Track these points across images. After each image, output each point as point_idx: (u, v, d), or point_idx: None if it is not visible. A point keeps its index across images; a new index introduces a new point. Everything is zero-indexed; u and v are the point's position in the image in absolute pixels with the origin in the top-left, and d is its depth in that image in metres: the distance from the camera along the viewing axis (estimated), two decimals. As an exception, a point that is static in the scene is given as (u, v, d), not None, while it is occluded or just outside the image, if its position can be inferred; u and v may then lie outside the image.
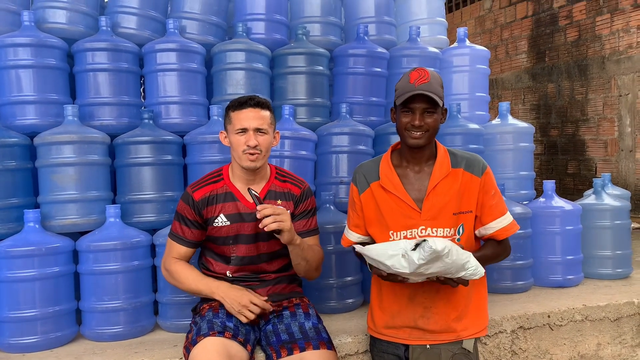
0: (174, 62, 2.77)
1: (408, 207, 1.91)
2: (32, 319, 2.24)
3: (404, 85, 1.88)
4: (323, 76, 3.07)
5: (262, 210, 1.92)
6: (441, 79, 1.94)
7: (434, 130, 1.90)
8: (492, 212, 1.95)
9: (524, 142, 3.22)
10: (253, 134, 2.03)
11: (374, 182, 1.98)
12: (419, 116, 1.86)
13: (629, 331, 2.73)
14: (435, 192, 1.91)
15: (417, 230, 1.90)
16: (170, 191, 2.64)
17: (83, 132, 2.50)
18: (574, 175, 7.21)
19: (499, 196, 1.99)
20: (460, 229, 1.92)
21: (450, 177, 1.92)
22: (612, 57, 6.65)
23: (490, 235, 1.97)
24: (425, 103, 1.86)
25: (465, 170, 1.93)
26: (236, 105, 2.07)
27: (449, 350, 1.92)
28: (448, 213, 1.90)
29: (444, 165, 1.93)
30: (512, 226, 1.98)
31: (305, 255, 2.07)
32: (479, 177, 1.93)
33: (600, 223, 3.16)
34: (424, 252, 1.66)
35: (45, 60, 2.60)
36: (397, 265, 1.71)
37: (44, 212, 2.44)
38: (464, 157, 1.97)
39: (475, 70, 3.37)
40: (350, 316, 2.59)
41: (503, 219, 1.96)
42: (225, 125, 2.12)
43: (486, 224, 1.96)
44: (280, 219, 1.92)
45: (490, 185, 1.96)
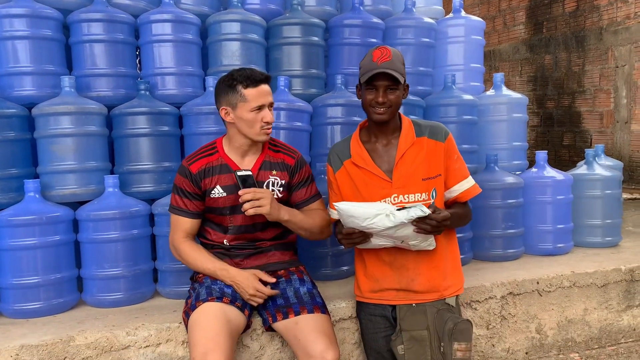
0: (169, 33, 2.77)
1: (379, 179, 2.03)
2: (35, 286, 2.30)
3: (368, 64, 1.98)
4: (318, 47, 3.08)
5: (243, 196, 1.98)
6: (402, 57, 2.05)
7: (397, 105, 2.02)
8: (455, 175, 2.09)
9: (517, 112, 3.25)
10: (269, 109, 2.08)
11: (346, 160, 2.10)
12: (382, 93, 1.98)
13: (615, 297, 2.81)
14: (402, 161, 2.03)
15: (390, 199, 2.02)
16: (168, 162, 2.68)
17: (80, 103, 2.52)
18: (570, 147, 7.26)
19: (461, 160, 2.12)
20: (434, 192, 2.04)
21: (416, 146, 2.05)
22: (609, 28, 6.62)
23: (455, 197, 2.09)
24: (388, 80, 1.97)
25: (429, 137, 2.05)
26: (250, 81, 2.05)
27: (433, 306, 2.04)
28: (417, 179, 2.02)
29: (408, 136, 2.05)
30: (474, 189, 2.12)
31: (302, 225, 2.14)
32: (443, 142, 2.05)
33: (590, 193, 3.22)
34: (413, 213, 1.80)
35: (41, 31, 2.60)
36: (378, 222, 1.83)
37: (44, 182, 2.48)
38: (427, 125, 2.10)
39: (471, 41, 3.37)
40: (344, 283, 2.66)
41: (466, 182, 2.10)
42: (233, 102, 2.06)
43: (450, 187, 2.09)
44: (259, 203, 1.98)
45: (452, 150, 2.08)
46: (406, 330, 2.02)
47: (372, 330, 2.13)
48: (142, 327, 2.14)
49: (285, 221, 2.09)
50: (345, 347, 2.35)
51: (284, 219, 2.08)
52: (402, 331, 2.03)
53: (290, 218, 2.10)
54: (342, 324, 2.35)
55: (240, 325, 2.02)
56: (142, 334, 2.12)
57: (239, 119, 2.08)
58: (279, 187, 2.17)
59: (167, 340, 2.14)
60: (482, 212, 2.96)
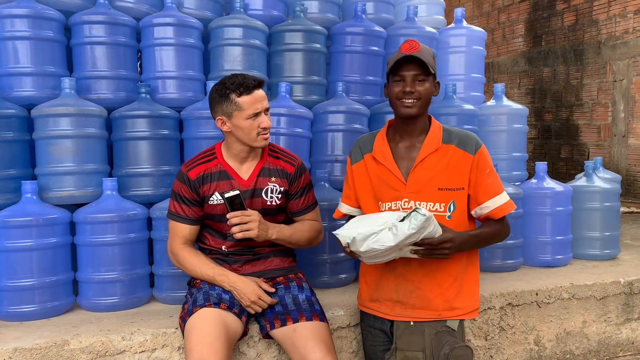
0: (171, 37, 2.77)
1: (395, 179, 1.93)
2: (30, 288, 2.27)
3: (395, 56, 1.89)
4: (320, 54, 3.08)
5: (231, 219, 1.97)
6: (432, 51, 1.94)
7: (426, 99, 1.89)
8: (487, 191, 1.92)
9: (517, 123, 3.25)
10: (265, 114, 2.05)
11: (367, 154, 2.01)
12: (410, 83, 1.86)
13: (614, 310, 2.80)
14: (422, 165, 1.91)
15: (401, 202, 1.91)
16: (167, 165, 2.66)
17: (80, 105, 2.51)
18: (567, 159, 7.27)
19: (495, 175, 1.96)
20: (452, 206, 1.91)
21: (440, 152, 1.92)
22: (608, 42, 6.66)
23: (487, 214, 1.93)
24: (416, 69, 1.85)
25: (458, 147, 1.92)
26: (242, 89, 2.00)
27: (432, 327, 1.92)
28: (433, 188, 1.89)
29: (434, 140, 1.93)
30: (508, 205, 1.95)
31: (289, 241, 2.14)
32: (472, 154, 1.91)
33: (590, 205, 3.22)
34: (415, 220, 1.68)
35: (42, 32, 2.59)
36: (383, 239, 1.72)
37: (42, 183, 2.46)
38: (458, 134, 1.96)
39: (472, 51, 3.38)
40: (343, 291, 2.64)
41: (498, 198, 1.93)
42: (228, 111, 2.03)
43: (482, 203, 1.93)
44: (247, 227, 1.98)
45: (484, 163, 1.93)
46: (401, 349, 1.93)
47: (372, 342, 2.07)
48: (137, 332, 2.12)
49: (275, 239, 2.09)
50: (343, 356, 2.33)
51: (272, 239, 2.08)
52: (397, 350, 1.93)
53: (279, 237, 2.10)
54: (340, 332, 2.33)
55: (237, 331, 1.99)
56: (138, 339, 2.09)
57: (235, 127, 2.04)
58: (277, 193, 2.16)
59: (162, 346, 2.11)
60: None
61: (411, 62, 1.85)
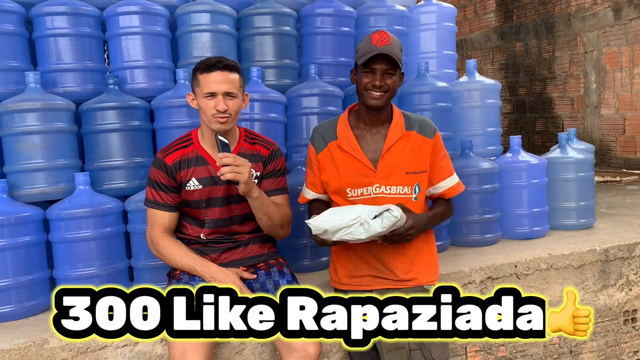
0: (137, 26, 2.71)
1: (364, 167, 2.02)
2: (5, 289, 2.23)
3: (366, 46, 1.95)
4: (290, 37, 3.05)
5: (222, 159, 1.91)
6: (400, 43, 2.01)
7: (393, 91, 2.00)
8: (441, 172, 2.10)
9: (490, 98, 3.27)
10: (222, 98, 2.00)
11: (331, 142, 2.07)
12: (380, 77, 1.95)
13: (591, 277, 2.85)
14: (389, 152, 2.02)
15: (372, 188, 2.02)
16: (140, 157, 2.62)
17: (47, 100, 2.44)
18: (542, 132, 7.36)
19: (447, 158, 2.15)
20: (417, 188, 2.04)
21: (404, 139, 2.04)
22: (577, 14, 6.72)
23: (440, 194, 2.13)
24: (386, 64, 1.95)
25: (418, 132, 2.06)
26: (204, 67, 2.02)
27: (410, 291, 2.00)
28: (401, 172, 2.02)
29: (398, 128, 2.04)
30: (459, 186, 2.15)
31: (266, 210, 2.06)
32: (431, 139, 2.07)
33: (564, 176, 3.26)
34: (387, 220, 1.82)
35: (2, 25, 2.51)
36: (355, 232, 1.85)
37: (11, 181, 2.40)
38: (417, 120, 2.10)
39: (443, 28, 3.37)
40: (324, 274, 2.63)
41: (451, 179, 2.13)
42: (193, 88, 2.08)
43: (436, 183, 2.11)
44: (238, 170, 1.91)
45: (439, 147, 2.10)
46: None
47: None
48: (118, 326, 2.09)
49: (254, 198, 2.01)
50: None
51: (254, 195, 2.01)
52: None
53: (259, 196, 2.03)
54: (323, 314, 2.33)
55: (219, 320, 1.98)
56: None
57: (198, 106, 2.07)
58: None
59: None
60: (459, 198, 2.91)
61: (382, 57, 1.92)
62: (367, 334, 1.72)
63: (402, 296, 1.75)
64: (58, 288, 1.68)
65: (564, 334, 1.83)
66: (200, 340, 1.81)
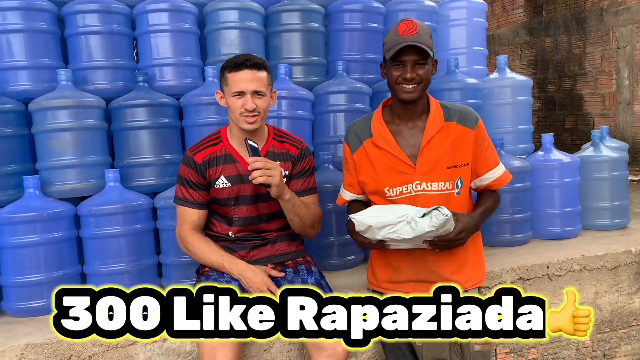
0: (166, 23, 2.72)
1: (402, 163, 1.91)
2: (38, 284, 2.27)
3: (393, 38, 1.85)
4: (318, 33, 3.03)
5: (253, 163, 1.90)
6: (429, 30, 1.91)
7: (427, 82, 1.88)
8: (486, 163, 1.97)
9: (522, 95, 3.20)
10: (251, 97, 1.99)
11: (366, 140, 1.98)
12: (410, 68, 1.84)
13: (626, 279, 2.77)
14: (428, 147, 1.91)
15: (412, 185, 1.91)
16: (169, 154, 2.63)
17: (78, 97, 2.47)
18: (572, 130, 7.21)
19: (492, 147, 2.01)
20: (459, 182, 1.92)
21: (444, 131, 1.92)
22: (610, 9, 6.55)
23: (486, 186, 2.00)
24: (416, 55, 1.84)
25: (458, 123, 1.93)
26: (232, 66, 2.01)
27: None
28: (442, 167, 1.90)
29: (437, 120, 1.92)
30: (506, 175, 2.02)
31: (297, 211, 2.06)
32: (472, 129, 1.93)
33: (598, 175, 3.18)
34: (436, 219, 1.72)
35: (35, 23, 2.55)
36: (401, 231, 1.75)
37: (43, 178, 2.43)
38: (457, 110, 1.97)
39: (473, 23, 3.31)
40: (351, 272, 2.62)
41: (497, 169, 1.99)
42: (222, 86, 2.07)
43: (481, 175, 1.98)
44: (270, 173, 1.90)
45: (483, 136, 1.97)
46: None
47: None
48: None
49: (286, 200, 2.01)
50: (354, 338, 2.31)
51: (286, 198, 2.00)
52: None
53: (291, 198, 2.02)
54: (351, 314, 2.31)
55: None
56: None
57: (227, 105, 2.06)
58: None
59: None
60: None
61: (411, 48, 1.82)
62: (367, 334, 1.71)
63: (402, 296, 1.73)
64: (58, 288, 1.68)
65: (564, 334, 1.80)
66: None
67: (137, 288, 1.69)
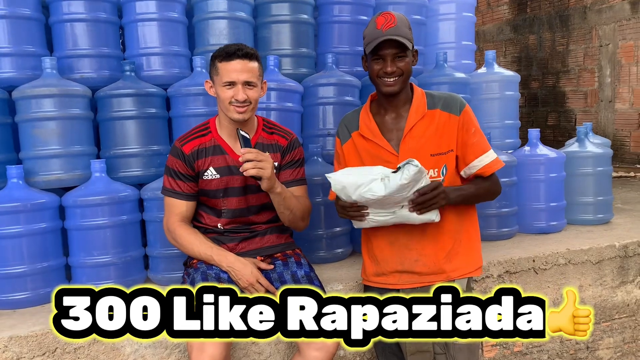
0: (154, 12, 2.67)
1: (386, 152, 1.93)
2: (22, 275, 2.22)
3: (372, 32, 1.86)
4: (308, 25, 3.00)
5: (245, 155, 1.88)
6: (408, 21, 1.91)
7: (407, 73, 1.89)
8: (474, 150, 1.94)
9: (509, 90, 3.23)
10: (242, 87, 1.97)
11: (354, 132, 2.01)
12: (390, 62, 1.86)
13: (609, 273, 2.82)
14: (411, 134, 1.92)
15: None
16: (156, 145, 2.60)
17: (63, 85, 2.43)
18: (554, 127, 7.30)
19: (480, 134, 1.96)
20: (444, 169, 1.93)
21: (427, 119, 1.93)
22: (593, 7, 6.62)
23: (476, 173, 1.95)
24: (395, 48, 1.85)
25: (443, 110, 1.92)
26: (224, 55, 1.98)
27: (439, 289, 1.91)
28: (425, 155, 1.90)
29: (419, 108, 1.94)
30: (496, 162, 1.96)
31: (288, 204, 2.05)
32: (458, 115, 1.92)
33: (582, 170, 3.22)
34: (408, 172, 1.70)
35: (19, 10, 2.49)
36: (375, 188, 1.73)
37: (27, 168, 2.39)
38: (441, 97, 1.97)
39: (462, 18, 3.32)
40: (339, 265, 2.62)
41: (486, 156, 1.94)
42: (212, 76, 2.04)
43: (469, 162, 1.94)
44: (261, 165, 1.89)
45: (470, 123, 1.94)
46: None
47: None
48: (135, 314, 2.08)
49: (277, 193, 1.99)
50: (343, 330, 2.32)
51: (277, 191, 1.98)
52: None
53: (282, 191, 2.01)
54: (339, 306, 2.31)
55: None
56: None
57: (216, 94, 2.03)
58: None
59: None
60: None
61: (390, 42, 1.83)
62: (367, 334, 1.71)
63: (402, 296, 1.73)
64: (58, 288, 1.66)
65: (564, 334, 1.80)
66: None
67: (137, 288, 1.67)
